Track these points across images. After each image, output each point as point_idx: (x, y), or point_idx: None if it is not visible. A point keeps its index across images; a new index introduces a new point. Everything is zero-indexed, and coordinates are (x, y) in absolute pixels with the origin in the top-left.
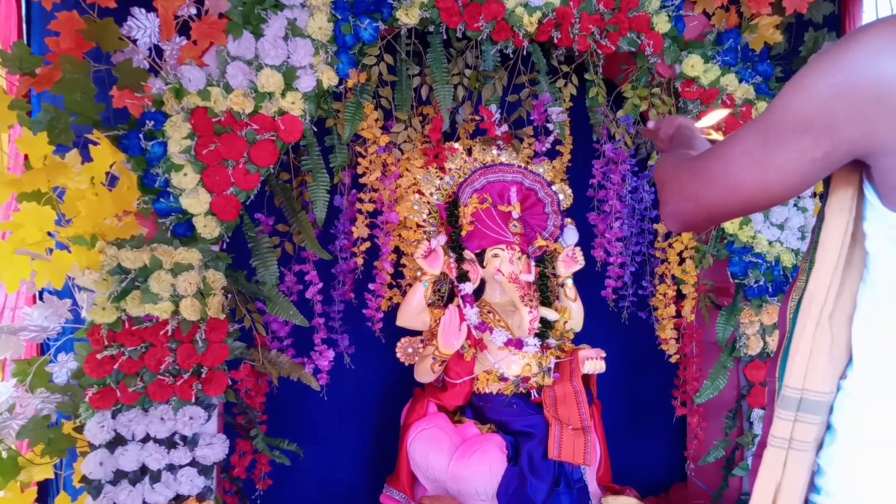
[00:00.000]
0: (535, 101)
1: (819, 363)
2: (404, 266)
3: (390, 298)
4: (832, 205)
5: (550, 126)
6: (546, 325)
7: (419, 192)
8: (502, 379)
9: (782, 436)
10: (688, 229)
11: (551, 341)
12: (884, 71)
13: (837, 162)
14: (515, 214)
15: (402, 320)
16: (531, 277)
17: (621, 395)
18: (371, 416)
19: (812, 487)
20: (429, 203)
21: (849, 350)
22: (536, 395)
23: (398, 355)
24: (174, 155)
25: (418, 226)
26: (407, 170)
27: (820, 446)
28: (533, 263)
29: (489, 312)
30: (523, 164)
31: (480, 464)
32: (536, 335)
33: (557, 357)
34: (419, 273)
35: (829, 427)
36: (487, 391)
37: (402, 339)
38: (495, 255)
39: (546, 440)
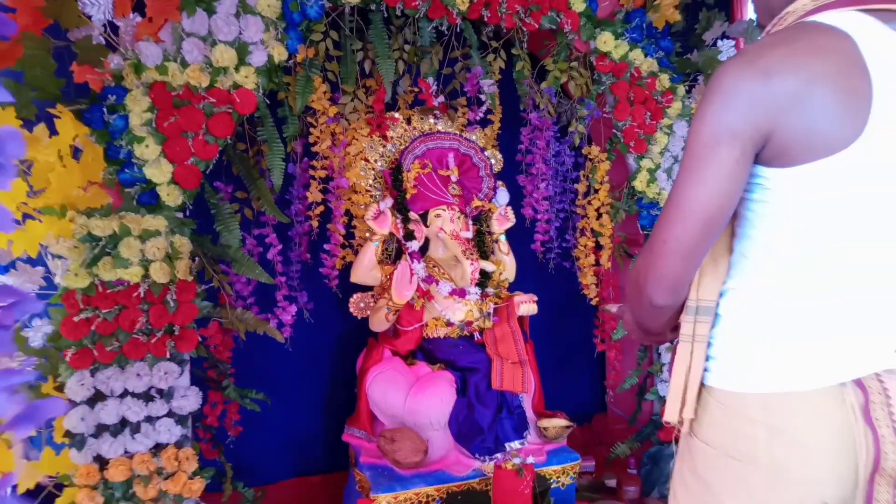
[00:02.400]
0: (468, 73)
1: (707, 280)
2: (355, 227)
3: (343, 258)
4: None
5: (482, 97)
6: (484, 275)
7: (365, 159)
8: (448, 324)
9: (688, 333)
10: (679, 289)
11: (489, 290)
12: (752, 88)
13: (754, 149)
14: (454, 178)
15: (356, 277)
16: (470, 234)
17: (551, 334)
18: (330, 365)
19: (706, 369)
20: (374, 169)
21: (727, 268)
22: (479, 337)
23: (351, 310)
24: (136, 128)
25: (366, 190)
26: (354, 138)
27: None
28: (470, 222)
29: (434, 267)
30: (459, 132)
31: (433, 397)
32: (477, 285)
33: (495, 303)
34: (369, 234)
35: (717, 315)
36: (436, 335)
37: (354, 296)
38: (437, 216)
39: (489, 374)
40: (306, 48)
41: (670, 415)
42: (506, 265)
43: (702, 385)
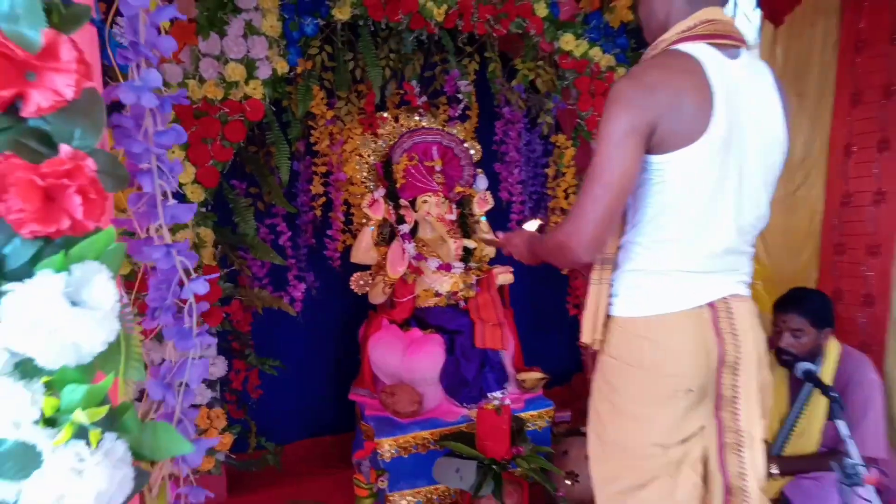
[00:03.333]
0: (446, 76)
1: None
2: (353, 215)
3: (344, 241)
4: None
5: (460, 95)
6: (468, 252)
7: (359, 154)
8: (437, 294)
9: (596, 278)
10: (597, 248)
11: (472, 264)
12: (642, 95)
13: (646, 140)
14: (437, 168)
15: (355, 258)
16: (454, 217)
17: (528, 303)
18: (336, 335)
19: (610, 303)
20: (367, 163)
21: (622, 228)
22: (464, 304)
23: (352, 287)
24: None
25: (361, 182)
26: (349, 137)
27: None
28: (454, 206)
29: (423, 246)
30: (441, 127)
31: (426, 357)
32: (461, 260)
33: (477, 275)
34: (365, 220)
35: (616, 265)
36: (427, 305)
37: (355, 275)
38: (424, 201)
39: (472, 335)
40: (305, 61)
41: (586, 337)
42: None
43: (608, 316)
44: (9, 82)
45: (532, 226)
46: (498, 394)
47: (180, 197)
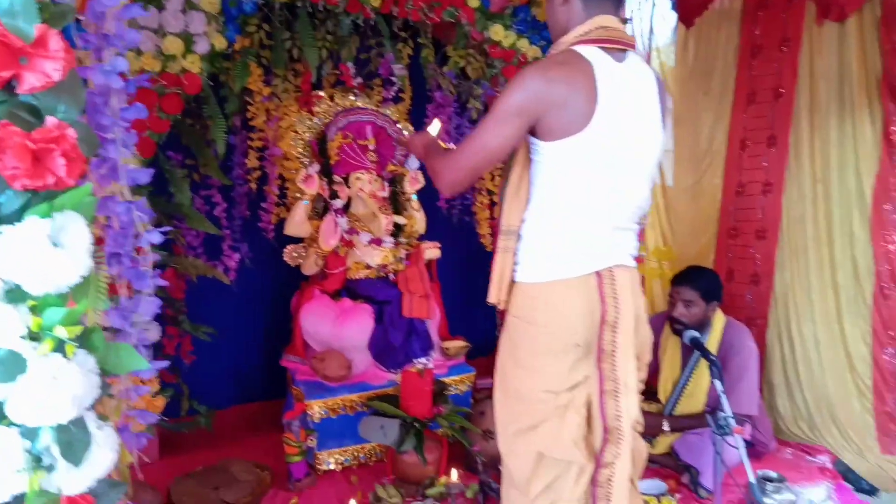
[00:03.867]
0: (381, 59)
1: (512, 212)
2: (288, 189)
3: (278, 214)
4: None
5: (393, 78)
6: (398, 227)
7: (295, 131)
8: (368, 267)
9: (500, 247)
10: (457, 190)
11: (402, 239)
12: (541, 88)
13: (528, 125)
14: (371, 147)
15: (289, 230)
16: (385, 193)
17: (457, 278)
18: (270, 304)
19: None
20: (303, 139)
21: (525, 205)
22: (393, 277)
23: (286, 259)
24: None
25: (296, 157)
26: (285, 114)
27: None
28: (386, 184)
29: (356, 221)
30: (376, 108)
31: (355, 325)
32: (391, 235)
33: (407, 249)
34: (299, 194)
35: (520, 236)
36: (358, 277)
37: (288, 247)
38: (357, 178)
39: (400, 305)
40: (243, 38)
41: (492, 297)
42: (416, 219)
43: (514, 281)
44: (7, 65)
45: (434, 127)
46: (423, 360)
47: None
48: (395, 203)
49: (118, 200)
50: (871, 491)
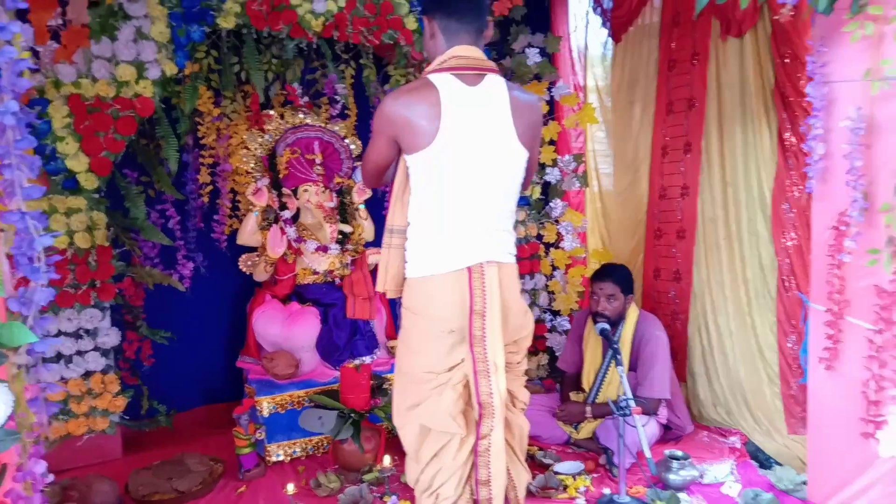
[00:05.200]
0: (325, 79)
1: (396, 214)
2: (239, 202)
3: (231, 225)
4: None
5: (337, 97)
6: (344, 235)
7: (246, 147)
8: (315, 273)
9: (386, 244)
10: (371, 185)
11: (349, 246)
12: (392, 111)
13: (394, 144)
14: (318, 161)
15: (241, 240)
16: (333, 204)
17: None
18: (227, 310)
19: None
20: (254, 155)
21: (408, 208)
22: (339, 281)
23: (241, 267)
24: (58, 130)
25: (247, 172)
26: (235, 132)
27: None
28: (335, 195)
29: (304, 230)
30: (323, 125)
31: (302, 326)
32: (337, 242)
33: (353, 256)
34: (251, 206)
35: (407, 236)
36: (306, 282)
37: (243, 255)
38: (305, 190)
39: (345, 308)
40: (192, 63)
41: (378, 287)
42: (364, 228)
43: (406, 277)
44: None
45: None
46: (367, 358)
47: (74, 183)
48: (344, 213)
49: (15, 212)
50: (769, 465)
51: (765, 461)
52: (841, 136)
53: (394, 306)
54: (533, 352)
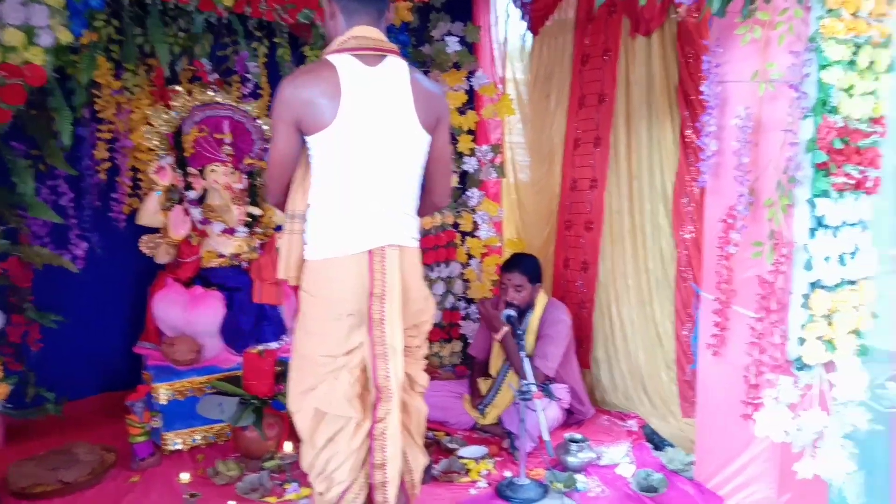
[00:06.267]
0: (237, 56)
1: (296, 199)
2: (141, 180)
3: (131, 205)
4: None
5: (249, 76)
6: (254, 218)
7: (149, 123)
8: (221, 256)
9: (286, 229)
10: (276, 200)
11: (258, 229)
12: (290, 94)
13: (296, 130)
14: (228, 140)
15: (141, 220)
16: (242, 185)
17: None
18: (127, 292)
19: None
20: (158, 133)
21: (308, 191)
22: (247, 265)
23: (141, 248)
24: None
25: (150, 150)
26: (137, 107)
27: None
28: (244, 176)
29: (211, 211)
30: (234, 104)
31: (205, 311)
32: (246, 225)
33: (261, 239)
34: (153, 185)
35: (306, 220)
36: (211, 265)
37: (144, 237)
38: (213, 171)
39: (251, 292)
40: (91, 33)
41: (281, 274)
42: (275, 211)
43: (304, 260)
44: None
45: None
46: (274, 344)
47: None
48: (254, 195)
49: None
50: (663, 447)
51: (659, 443)
52: (732, 134)
53: None
54: (447, 339)
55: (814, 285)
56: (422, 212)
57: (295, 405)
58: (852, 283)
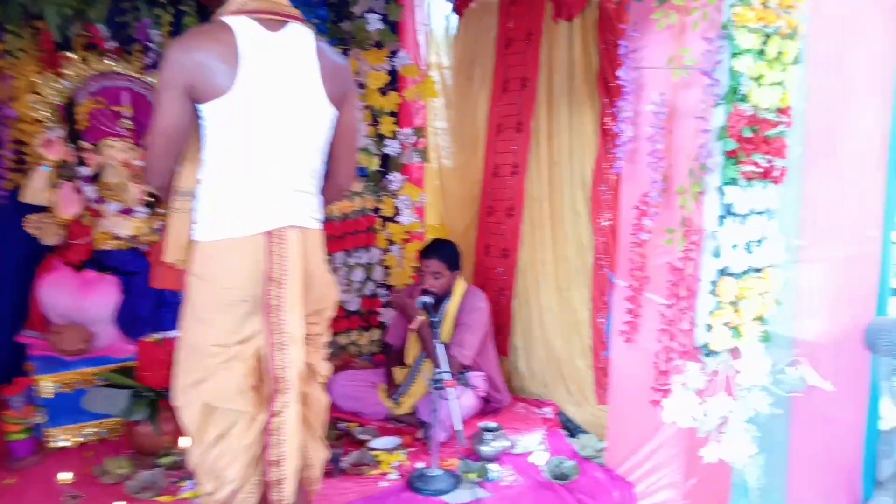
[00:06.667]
0: (138, 24)
1: (186, 175)
2: (26, 154)
3: (14, 181)
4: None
5: (151, 44)
6: (155, 197)
7: (36, 92)
8: (117, 238)
9: (174, 207)
10: (157, 179)
11: (159, 210)
12: (182, 56)
13: (188, 97)
14: (127, 114)
15: (27, 197)
16: (142, 163)
17: None
18: (6, 276)
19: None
20: (48, 103)
21: (199, 167)
22: (147, 248)
23: (27, 228)
24: None
25: (37, 121)
26: (21, 74)
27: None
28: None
29: (107, 190)
30: (136, 74)
31: (97, 296)
32: (146, 205)
33: (163, 221)
34: (41, 160)
35: (196, 197)
36: (105, 247)
37: (29, 216)
38: (109, 146)
39: (149, 276)
40: None
41: (169, 257)
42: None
43: (194, 241)
44: None
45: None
46: (173, 332)
47: None
48: None
49: None
50: (577, 433)
51: (574, 430)
52: (647, 120)
53: None
54: (365, 327)
55: (721, 272)
56: (326, 196)
57: (181, 399)
58: (758, 270)
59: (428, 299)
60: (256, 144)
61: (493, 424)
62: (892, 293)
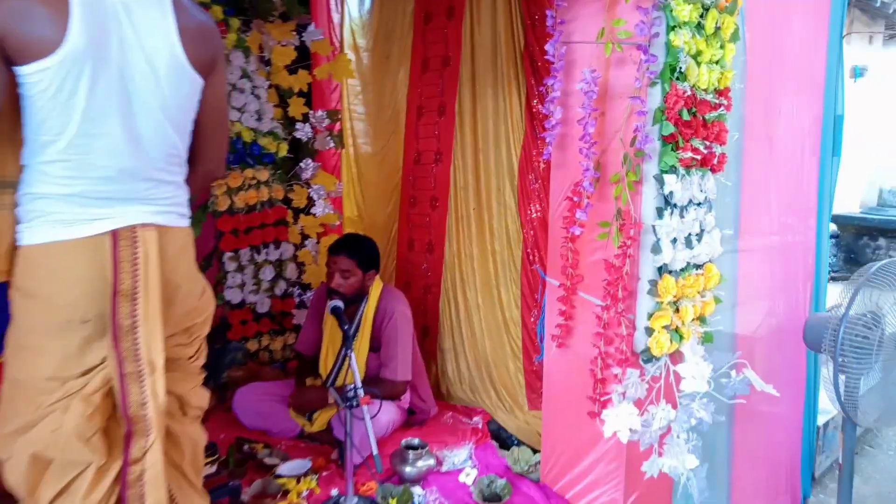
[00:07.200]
0: None
1: (8, 162)
2: None
3: None
4: None
5: None
6: None
7: None
8: None
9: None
10: None
11: None
12: None
13: (1, 56)
14: None
15: None
16: None
17: None
18: None
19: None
20: None
21: (20, 148)
22: None
23: None
24: None
25: None
26: None
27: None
28: None
29: None
30: None
31: None
32: None
33: None
34: None
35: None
36: None
37: None
38: None
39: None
40: None
41: None
42: None
43: (18, 245)
44: None
45: None
46: None
47: None
48: None
49: None
50: (510, 444)
51: (506, 439)
52: (577, 101)
53: None
54: (278, 330)
55: (661, 270)
56: (193, 186)
57: (3, 451)
58: (698, 267)
59: (338, 303)
60: (97, 121)
61: (416, 441)
62: (828, 281)
